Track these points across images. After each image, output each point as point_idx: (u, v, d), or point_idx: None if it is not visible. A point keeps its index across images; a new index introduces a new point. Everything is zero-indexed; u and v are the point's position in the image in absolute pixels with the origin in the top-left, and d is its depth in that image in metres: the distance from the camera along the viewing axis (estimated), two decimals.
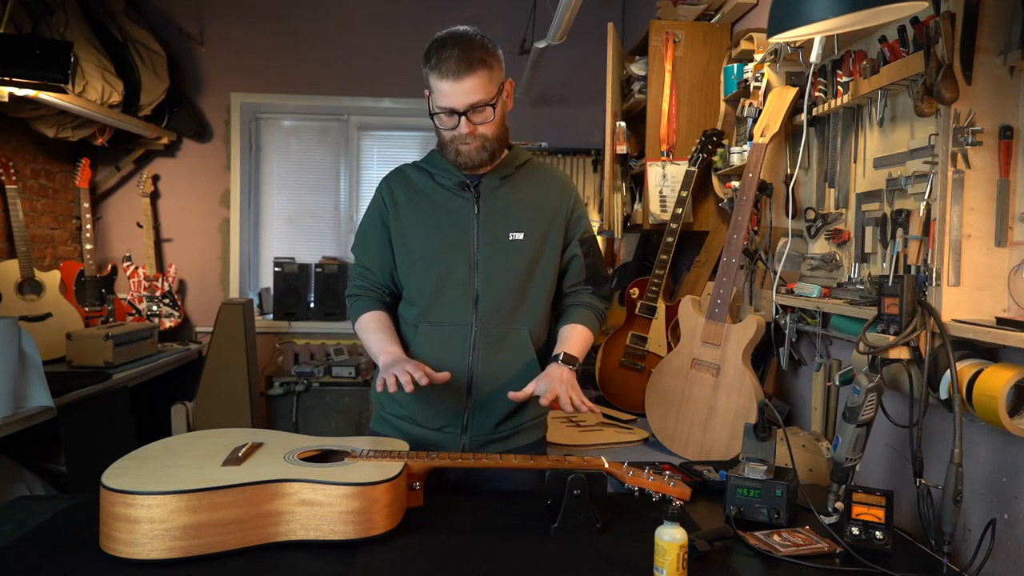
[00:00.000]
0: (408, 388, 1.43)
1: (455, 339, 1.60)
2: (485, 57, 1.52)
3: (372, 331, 1.64)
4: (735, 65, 2.45)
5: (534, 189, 1.68)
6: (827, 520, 1.39)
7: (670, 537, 1.12)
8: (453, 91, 1.51)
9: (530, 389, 1.52)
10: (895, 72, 1.58)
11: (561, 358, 1.59)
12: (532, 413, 1.68)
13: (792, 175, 2.03)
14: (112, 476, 1.22)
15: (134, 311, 4.13)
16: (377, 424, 1.72)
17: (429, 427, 1.62)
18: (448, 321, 1.61)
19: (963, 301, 1.38)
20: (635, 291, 2.84)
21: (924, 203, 1.49)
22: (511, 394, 1.52)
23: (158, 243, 4.30)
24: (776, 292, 1.97)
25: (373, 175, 4.50)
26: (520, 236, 1.62)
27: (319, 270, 4.30)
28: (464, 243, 1.61)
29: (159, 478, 1.22)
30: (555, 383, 1.50)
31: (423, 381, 1.44)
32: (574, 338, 1.65)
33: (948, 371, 1.32)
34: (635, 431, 2.32)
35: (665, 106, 2.77)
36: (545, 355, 1.66)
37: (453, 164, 1.62)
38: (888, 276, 1.54)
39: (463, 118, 1.53)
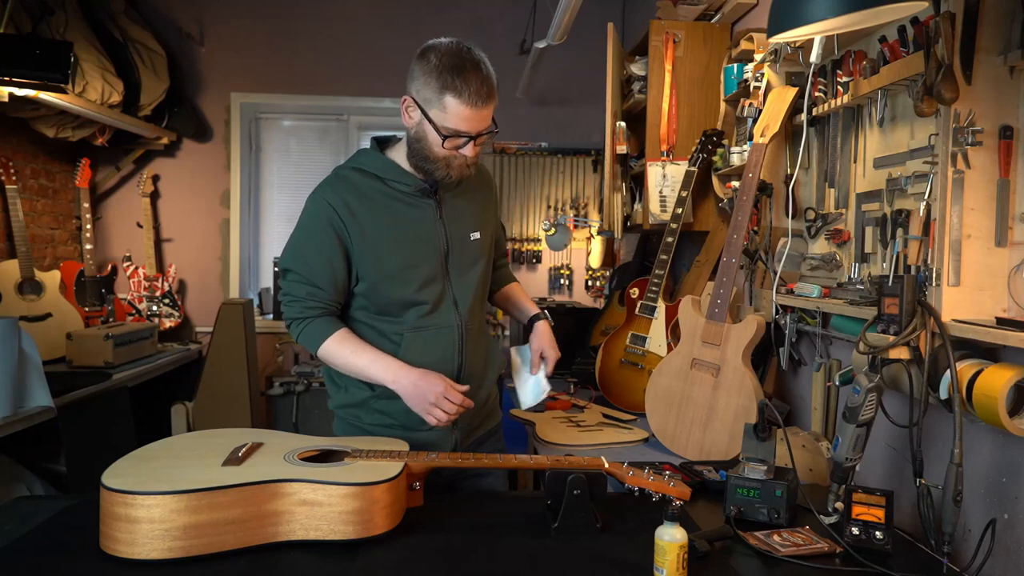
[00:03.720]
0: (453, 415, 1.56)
1: (443, 342, 1.63)
2: (495, 83, 1.50)
3: (355, 351, 1.58)
4: (735, 65, 2.45)
5: (476, 185, 1.73)
6: (827, 520, 1.39)
7: (670, 537, 1.12)
8: (474, 117, 1.47)
9: (539, 355, 1.76)
10: (895, 72, 1.58)
11: (542, 315, 1.83)
12: (491, 391, 1.79)
13: (792, 175, 2.03)
14: (112, 476, 1.22)
15: (134, 311, 4.13)
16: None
17: (421, 430, 1.62)
18: (434, 326, 1.62)
19: (963, 301, 1.38)
20: (635, 291, 2.84)
21: (924, 203, 1.49)
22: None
23: (158, 243, 4.30)
24: (776, 292, 1.97)
25: None
26: (477, 235, 1.69)
27: None
28: (434, 249, 1.62)
29: (159, 478, 1.22)
30: (548, 347, 1.76)
31: (468, 404, 1.56)
32: (525, 296, 1.93)
33: (948, 371, 1.32)
34: (635, 431, 2.32)
35: (665, 106, 2.76)
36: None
37: (441, 178, 1.56)
38: (888, 276, 1.53)
39: (471, 143, 1.51)
